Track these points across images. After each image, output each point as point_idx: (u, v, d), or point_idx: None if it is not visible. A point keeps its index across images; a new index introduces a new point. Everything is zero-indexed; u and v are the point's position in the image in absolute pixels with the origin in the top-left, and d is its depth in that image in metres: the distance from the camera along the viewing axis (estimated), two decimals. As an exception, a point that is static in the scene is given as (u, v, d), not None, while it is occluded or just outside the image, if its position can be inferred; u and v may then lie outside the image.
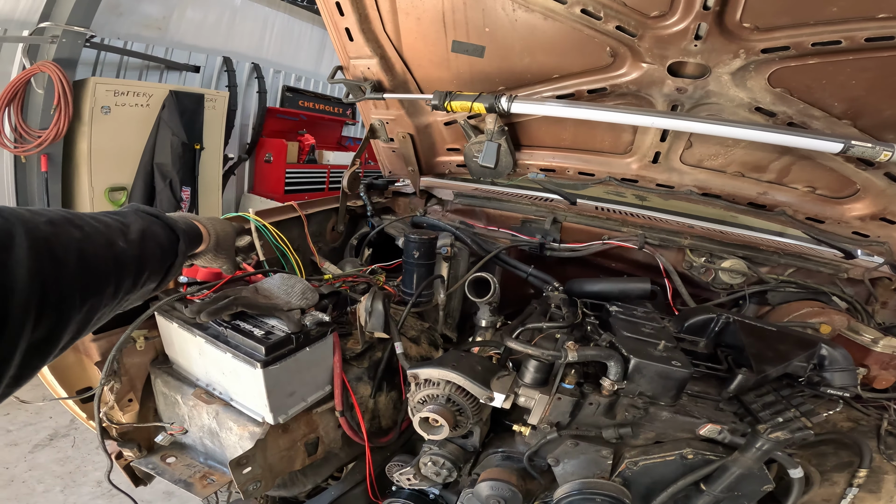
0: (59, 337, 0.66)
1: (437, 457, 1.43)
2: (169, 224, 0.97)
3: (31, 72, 4.02)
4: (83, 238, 0.71)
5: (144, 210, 0.96)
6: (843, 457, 1.32)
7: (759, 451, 1.13)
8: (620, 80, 1.69)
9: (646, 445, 1.31)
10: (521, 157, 2.19)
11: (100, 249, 0.74)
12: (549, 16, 1.59)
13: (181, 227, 1.01)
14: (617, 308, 1.57)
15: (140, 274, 0.84)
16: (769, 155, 1.78)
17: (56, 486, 2.51)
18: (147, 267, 0.86)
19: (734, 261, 1.90)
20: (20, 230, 0.59)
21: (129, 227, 0.84)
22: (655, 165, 1.97)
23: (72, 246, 0.68)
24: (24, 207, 0.67)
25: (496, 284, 1.64)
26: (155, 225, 0.93)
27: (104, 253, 0.75)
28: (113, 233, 0.80)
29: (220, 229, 1.26)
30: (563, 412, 1.31)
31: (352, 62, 1.96)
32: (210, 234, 1.21)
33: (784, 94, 1.55)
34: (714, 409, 1.34)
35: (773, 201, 1.90)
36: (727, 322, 1.51)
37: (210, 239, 1.21)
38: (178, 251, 0.97)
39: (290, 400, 1.34)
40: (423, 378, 1.29)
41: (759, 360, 1.36)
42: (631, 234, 2.01)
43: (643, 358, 1.23)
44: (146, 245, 0.86)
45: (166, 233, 0.95)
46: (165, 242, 0.94)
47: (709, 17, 1.40)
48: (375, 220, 2.38)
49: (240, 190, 6.93)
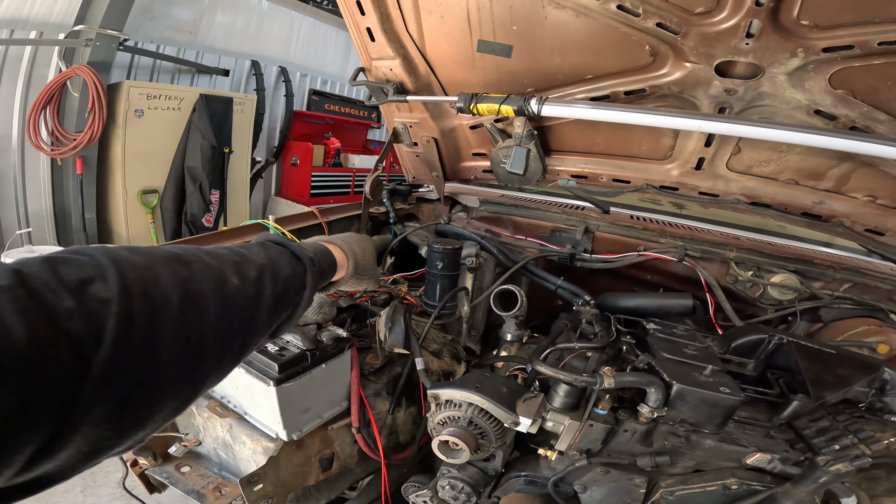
0: (158, 389, 0.55)
1: (455, 480, 1.36)
2: (296, 254, 0.87)
3: (66, 75, 4.14)
4: (188, 278, 0.61)
5: (273, 240, 0.87)
6: (895, 481, 1.19)
7: (816, 484, 1.03)
8: (661, 81, 1.58)
9: (684, 474, 1.22)
10: (550, 162, 2.09)
11: (208, 289, 0.63)
12: (582, 13, 1.49)
13: (309, 255, 0.89)
14: (655, 325, 1.46)
15: (256, 314, 0.72)
16: (827, 161, 1.63)
17: (76, 487, 2.53)
18: (265, 306, 0.74)
19: (785, 275, 1.76)
20: (111, 270, 0.52)
21: (249, 263, 0.74)
22: (699, 172, 1.84)
23: (173, 287, 0.58)
24: (124, 247, 0.59)
25: (523, 297, 1.55)
26: (282, 257, 0.83)
27: (213, 292, 0.64)
28: (226, 269, 0.69)
29: (359, 249, 1.13)
30: (594, 439, 1.21)
31: (374, 63, 1.90)
32: (349, 257, 1.09)
33: (846, 96, 1.42)
34: (763, 436, 1.24)
35: (829, 211, 1.75)
36: (780, 343, 1.38)
37: (349, 263, 1.09)
38: (305, 283, 0.85)
39: (304, 416, 1.29)
40: (444, 399, 1.21)
41: (816, 384, 1.25)
42: (669, 245, 1.88)
43: (687, 384, 1.13)
44: (264, 281, 0.74)
45: (293, 264, 0.84)
46: (291, 275, 0.82)
47: (762, 14, 1.28)
48: (398, 228, 2.32)
49: (267, 193, 7.01)
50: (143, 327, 0.52)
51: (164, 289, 0.57)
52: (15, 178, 4.38)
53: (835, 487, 1.06)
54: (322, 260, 0.97)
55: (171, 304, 0.56)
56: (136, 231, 4.89)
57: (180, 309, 0.57)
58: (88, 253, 0.54)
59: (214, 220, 5.31)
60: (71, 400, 0.45)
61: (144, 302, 0.53)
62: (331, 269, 1.03)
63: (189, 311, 0.59)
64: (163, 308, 0.55)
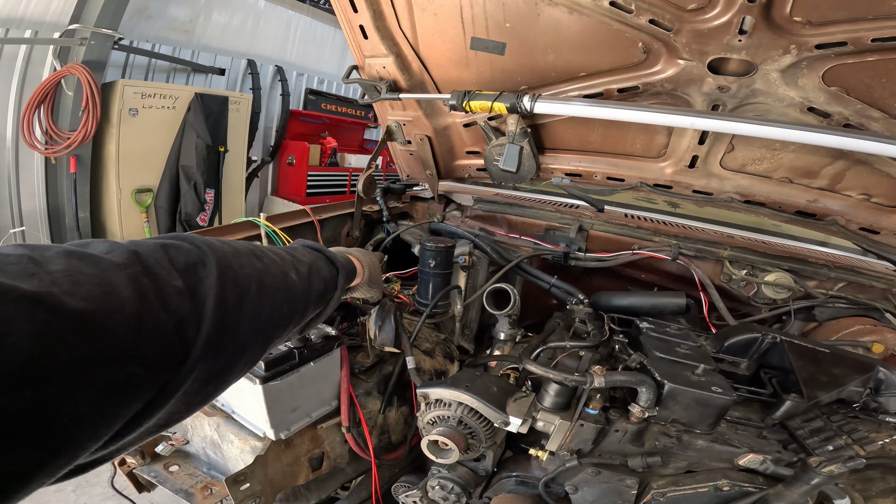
0: (233, 368, 0.61)
1: (445, 480, 1.34)
2: (330, 259, 0.98)
3: (60, 74, 4.11)
4: (263, 269, 0.70)
5: (310, 245, 0.98)
6: (890, 482, 1.19)
7: (809, 486, 1.02)
8: (654, 78, 1.57)
9: (676, 475, 1.21)
10: (544, 160, 2.08)
11: (277, 281, 0.72)
12: (576, 9, 1.48)
13: (340, 261, 1.01)
14: (648, 324, 1.45)
15: (307, 306, 0.84)
16: (821, 159, 1.62)
17: (68, 486, 2.50)
18: (311, 300, 0.85)
19: (779, 274, 1.75)
20: (212, 258, 0.58)
21: (300, 262, 0.84)
22: (692, 170, 1.83)
23: (253, 276, 0.66)
24: (214, 238, 0.66)
25: (516, 296, 1.54)
26: (319, 260, 0.94)
27: (280, 284, 0.73)
28: (287, 265, 0.79)
29: (370, 262, 1.25)
30: (585, 439, 1.20)
31: (367, 61, 1.88)
32: (364, 267, 1.21)
33: (840, 93, 1.41)
34: (756, 436, 1.22)
35: (823, 210, 1.74)
36: (773, 342, 1.37)
37: (364, 272, 1.20)
38: (337, 285, 0.97)
39: (292, 415, 1.27)
40: (433, 398, 1.20)
41: (810, 384, 1.25)
42: (663, 243, 1.87)
43: (679, 383, 1.12)
44: (312, 279, 0.86)
45: (328, 267, 0.96)
46: (328, 276, 0.94)
47: (754, 10, 1.27)
48: (391, 226, 2.30)
49: (263, 192, 6.99)
50: (232, 311, 0.58)
51: (247, 277, 0.64)
52: (9, 176, 4.35)
53: (828, 489, 1.06)
54: (348, 266, 1.07)
55: (251, 291, 0.64)
56: (130, 230, 4.86)
57: (258, 296, 0.65)
58: (190, 239, 0.60)
59: (209, 219, 5.28)
60: (169, 376, 0.48)
61: (234, 288, 0.60)
62: (353, 276, 1.13)
63: (263, 297, 0.66)
64: (245, 294, 0.62)
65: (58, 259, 0.43)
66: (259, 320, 0.65)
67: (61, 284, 0.40)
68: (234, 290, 0.60)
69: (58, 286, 0.40)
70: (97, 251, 0.48)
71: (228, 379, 0.62)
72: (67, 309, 0.39)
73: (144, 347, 0.45)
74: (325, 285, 0.91)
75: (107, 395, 0.42)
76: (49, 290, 0.39)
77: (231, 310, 0.58)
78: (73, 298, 0.40)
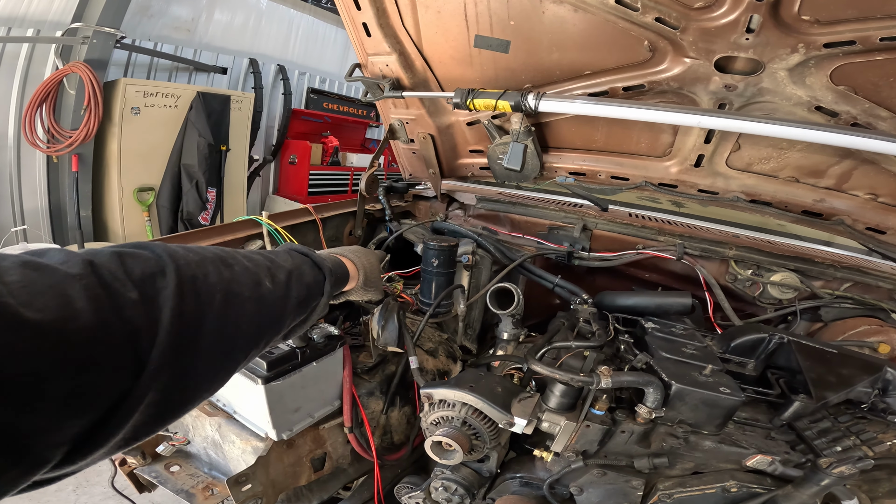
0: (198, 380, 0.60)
1: (449, 482, 1.33)
2: (317, 263, 0.94)
3: (62, 72, 4.11)
4: (231, 278, 0.67)
5: (296, 249, 0.94)
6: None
7: (819, 487, 1.01)
8: (660, 77, 1.55)
9: (682, 476, 1.20)
10: (548, 159, 2.07)
11: (246, 290, 0.69)
12: (581, 7, 1.47)
13: (328, 266, 0.97)
14: (653, 324, 1.44)
15: (283, 315, 0.79)
16: (828, 158, 1.61)
17: (69, 486, 2.50)
18: (290, 308, 0.81)
19: (785, 274, 1.73)
20: (171, 267, 0.57)
21: (279, 267, 0.81)
22: (698, 169, 1.81)
23: (219, 286, 0.64)
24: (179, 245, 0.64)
25: (520, 296, 1.53)
26: (304, 265, 0.90)
27: (250, 293, 0.70)
28: (261, 272, 0.75)
29: (367, 262, 1.20)
30: (591, 440, 1.19)
31: (370, 59, 1.87)
32: (359, 269, 1.16)
33: (848, 92, 1.39)
34: (764, 437, 1.21)
35: (830, 209, 1.72)
36: (781, 343, 1.36)
37: (359, 275, 1.16)
38: (323, 291, 0.92)
39: (295, 416, 1.26)
40: (437, 398, 1.19)
41: (818, 385, 1.23)
42: (668, 243, 1.86)
43: (686, 384, 1.10)
44: (292, 285, 0.81)
45: (314, 272, 0.91)
46: (312, 282, 0.89)
47: (762, 9, 1.26)
48: (394, 225, 2.29)
49: (265, 191, 6.99)
50: (191, 321, 0.57)
51: (211, 287, 0.62)
52: (10, 175, 4.36)
53: (837, 489, 1.04)
54: (337, 270, 1.03)
55: (215, 301, 0.62)
56: (132, 229, 4.86)
57: (222, 306, 0.63)
58: (150, 248, 0.59)
59: (211, 218, 5.28)
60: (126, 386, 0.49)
61: (194, 298, 0.58)
62: (344, 280, 1.10)
63: (229, 308, 0.64)
64: (208, 304, 0.60)
65: (13, 270, 0.43)
66: (225, 331, 0.63)
67: (17, 296, 0.41)
68: (193, 300, 0.58)
69: (14, 297, 0.40)
70: (53, 261, 0.48)
71: (196, 392, 0.61)
72: (24, 319, 0.40)
73: (100, 356, 0.46)
74: (309, 291, 0.87)
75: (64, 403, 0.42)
76: (5, 301, 0.40)
77: (190, 322, 0.57)
78: (29, 309, 0.41)
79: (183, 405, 0.60)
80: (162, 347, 0.52)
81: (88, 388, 0.45)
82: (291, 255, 0.89)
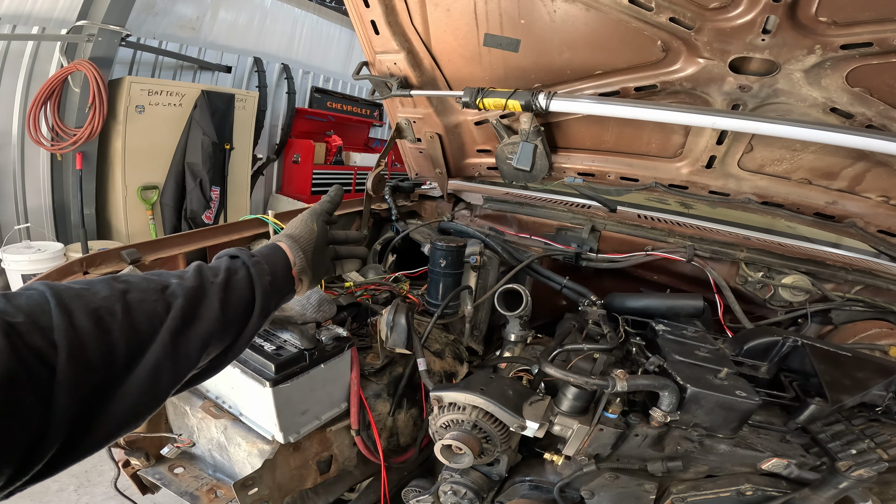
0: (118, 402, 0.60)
1: (458, 485, 1.32)
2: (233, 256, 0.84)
3: (67, 70, 4.10)
4: (126, 289, 0.65)
5: (225, 253, 0.85)
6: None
7: (837, 490, 1.02)
8: (673, 77, 1.53)
9: (696, 479, 1.19)
10: (557, 159, 2.05)
11: (149, 294, 0.66)
12: (593, 6, 1.45)
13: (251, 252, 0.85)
14: (664, 327, 1.42)
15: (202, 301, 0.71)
16: (842, 160, 1.59)
17: (70, 486, 2.48)
18: (210, 292, 0.73)
19: (797, 276, 1.71)
20: (49, 293, 0.58)
21: (188, 269, 0.76)
22: (709, 171, 1.79)
23: (114, 296, 0.62)
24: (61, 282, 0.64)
25: (528, 297, 1.51)
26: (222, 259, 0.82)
27: (154, 296, 0.67)
28: (165, 277, 0.72)
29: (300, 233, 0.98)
30: (604, 444, 1.18)
31: (378, 57, 1.86)
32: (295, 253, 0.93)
33: (863, 93, 1.37)
34: (779, 440, 1.21)
35: (842, 211, 1.70)
36: (795, 346, 1.34)
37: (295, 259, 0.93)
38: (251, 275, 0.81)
39: (302, 418, 1.24)
40: (447, 402, 1.17)
41: (833, 388, 1.22)
42: (678, 244, 1.84)
43: (702, 387, 1.09)
44: (205, 274, 0.75)
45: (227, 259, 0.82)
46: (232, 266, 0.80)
47: (779, 10, 1.24)
48: (400, 225, 2.28)
49: (268, 190, 6.98)
50: (91, 334, 0.57)
51: (105, 299, 0.61)
52: (14, 173, 4.35)
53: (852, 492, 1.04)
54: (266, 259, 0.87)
55: (116, 311, 0.61)
56: (136, 227, 4.85)
57: (126, 313, 0.62)
58: (31, 286, 0.61)
59: (214, 217, 5.27)
60: (45, 403, 0.51)
61: (86, 314, 0.58)
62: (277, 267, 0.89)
63: (137, 314, 0.63)
64: (108, 315, 0.60)
65: None
66: (138, 336, 0.62)
67: None
68: (85, 315, 0.58)
69: None
70: None
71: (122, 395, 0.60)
72: None
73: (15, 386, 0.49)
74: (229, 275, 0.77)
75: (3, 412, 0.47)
76: None
77: (90, 333, 0.57)
78: None
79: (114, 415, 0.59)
80: (65, 360, 0.53)
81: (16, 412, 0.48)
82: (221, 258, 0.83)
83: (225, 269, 0.78)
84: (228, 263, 0.80)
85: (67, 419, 0.53)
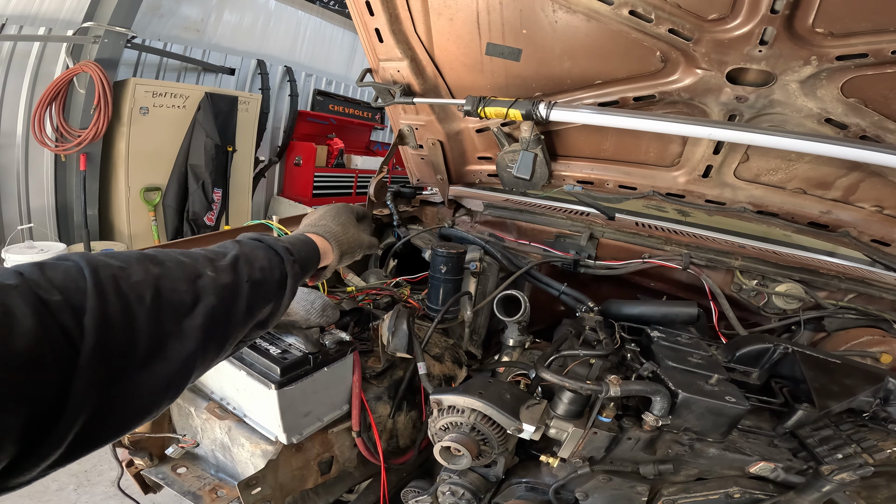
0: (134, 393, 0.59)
1: (456, 486, 1.34)
2: (271, 246, 0.88)
3: (73, 71, 4.14)
4: (160, 274, 0.65)
5: (250, 237, 0.89)
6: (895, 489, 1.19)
7: (820, 493, 1.04)
8: (671, 87, 1.57)
9: (686, 482, 1.21)
10: (556, 167, 2.08)
11: (181, 284, 0.66)
12: (594, 17, 1.48)
13: (284, 245, 0.90)
14: (659, 333, 1.45)
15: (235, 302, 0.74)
16: (836, 170, 1.62)
17: (70, 485, 2.49)
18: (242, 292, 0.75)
19: (791, 285, 1.74)
20: (87, 270, 0.57)
21: (221, 256, 0.76)
22: (706, 180, 1.82)
23: (147, 282, 0.62)
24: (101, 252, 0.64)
25: (527, 303, 1.54)
26: (257, 249, 0.84)
27: (187, 287, 0.67)
28: (199, 264, 0.72)
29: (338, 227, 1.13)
30: (598, 447, 1.20)
31: (381, 64, 1.89)
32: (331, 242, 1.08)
33: (858, 104, 1.40)
34: (767, 444, 1.23)
35: (836, 221, 1.73)
36: (785, 353, 1.37)
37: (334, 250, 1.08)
38: (285, 273, 0.86)
39: (304, 420, 1.27)
40: (446, 404, 1.19)
41: (821, 394, 1.25)
42: (674, 252, 1.87)
43: (693, 393, 1.12)
44: (240, 270, 0.76)
45: (268, 254, 0.85)
46: (267, 265, 0.83)
47: (776, 21, 1.27)
48: (402, 230, 2.31)
49: (270, 192, 7.02)
50: (119, 320, 0.57)
51: (136, 284, 0.61)
52: (18, 173, 4.38)
53: (837, 496, 1.06)
54: (301, 249, 0.96)
55: (145, 298, 0.61)
56: (138, 228, 4.88)
57: (154, 302, 0.61)
58: (68, 257, 0.60)
59: (216, 219, 5.30)
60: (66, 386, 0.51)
61: (118, 297, 0.58)
62: (314, 258, 1.02)
63: (164, 303, 0.63)
64: (137, 302, 0.60)
65: None
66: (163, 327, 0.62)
67: None
68: (117, 299, 0.57)
69: None
70: None
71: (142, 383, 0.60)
72: None
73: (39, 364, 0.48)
74: (264, 275, 0.81)
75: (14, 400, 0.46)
76: None
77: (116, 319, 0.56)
78: None
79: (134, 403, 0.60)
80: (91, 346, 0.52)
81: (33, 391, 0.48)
82: (240, 242, 0.85)
83: (259, 269, 0.80)
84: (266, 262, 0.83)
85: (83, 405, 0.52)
